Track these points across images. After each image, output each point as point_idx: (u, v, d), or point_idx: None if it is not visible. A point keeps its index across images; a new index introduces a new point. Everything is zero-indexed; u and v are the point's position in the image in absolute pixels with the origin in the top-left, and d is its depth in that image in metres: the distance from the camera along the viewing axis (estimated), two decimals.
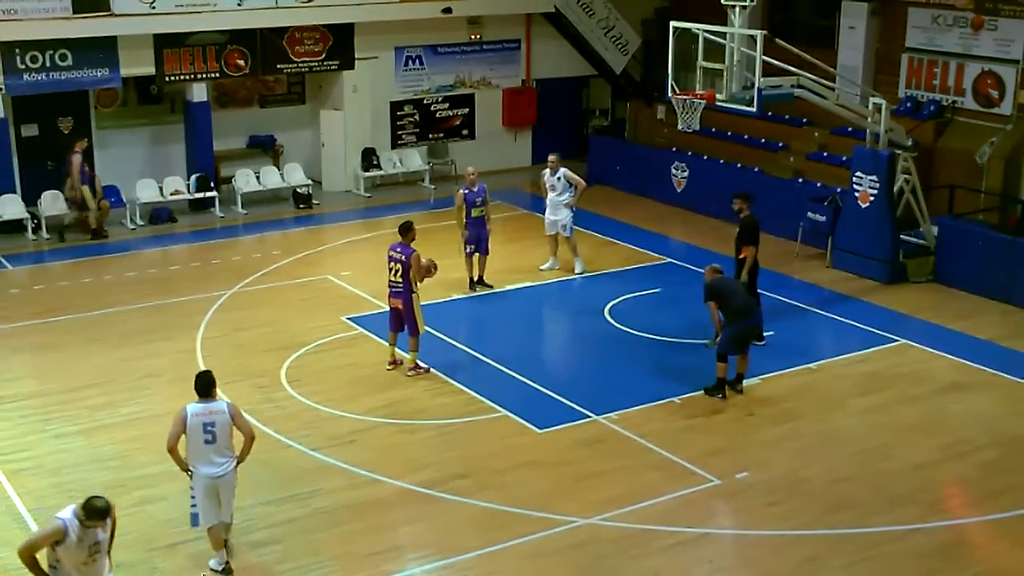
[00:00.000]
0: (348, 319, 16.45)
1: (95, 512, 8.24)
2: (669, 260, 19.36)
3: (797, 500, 11.59)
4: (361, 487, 11.82)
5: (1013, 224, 18.23)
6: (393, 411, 13.55)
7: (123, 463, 12.29)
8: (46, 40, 20.07)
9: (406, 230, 14.42)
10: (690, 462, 12.31)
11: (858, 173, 18.34)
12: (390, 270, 14.40)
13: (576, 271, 18.42)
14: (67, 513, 8.29)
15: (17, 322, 16.50)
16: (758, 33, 16.56)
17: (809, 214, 19.57)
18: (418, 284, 14.32)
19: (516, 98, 25.60)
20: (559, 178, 18.15)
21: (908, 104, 20.63)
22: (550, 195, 18.25)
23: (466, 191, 17.37)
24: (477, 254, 17.63)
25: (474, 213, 17.41)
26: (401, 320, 14.45)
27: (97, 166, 21.74)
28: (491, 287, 17.76)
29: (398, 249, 14.37)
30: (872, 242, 18.16)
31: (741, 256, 15.06)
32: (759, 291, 15.41)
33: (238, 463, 10.23)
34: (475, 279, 17.72)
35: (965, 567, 10.51)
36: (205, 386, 10.26)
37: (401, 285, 14.23)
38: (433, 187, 24.13)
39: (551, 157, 18.40)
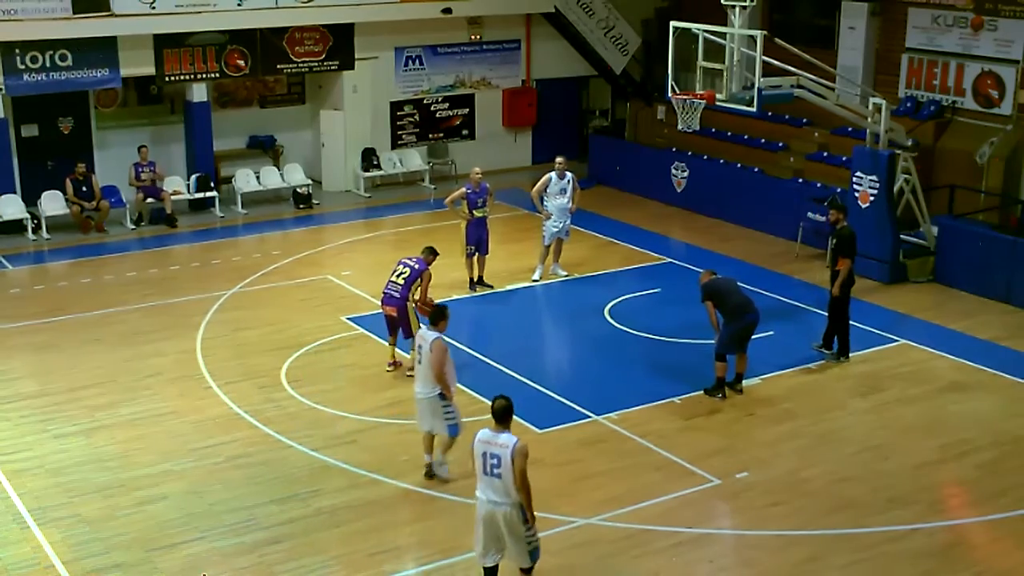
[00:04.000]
0: (348, 319, 16.46)
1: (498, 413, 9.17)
2: (669, 260, 19.37)
3: (797, 500, 11.60)
4: (362, 487, 11.83)
5: (1013, 224, 18.24)
6: (393, 411, 13.56)
7: (123, 463, 12.30)
8: (46, 40, 20.08)
9: (431, 251, 14.65)
10: (690, 462, 12.32)
11: (858, 173, 18.35)
12: (394, 272, 14.40)
13: (562, 274, 18.39)
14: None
15: (17, 322, 16.51)
16: (758, 33, 16.58)
17: (809, 214, 19.60)
18: (414, 296, 14.36)
19: (516, 98, 25.60)
20: (568, 181, 17.90)
21: (908, 104, 20.63)
22: (558, 200, 17.81)
23: (469, 190, 17.36)
24: (477, 254, 17.63)
25: (476, 213, 17.40)
26: (395, 326, 14.47)
27: (97, 166, 21.78)
28: (491, 287, 17.75)
29: (413, 259, 14.48)
30: (872, 242, 18.14)
31: (837, 268, 14.86)
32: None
33: (443, 396, 11.48)
34: (475, 279, 17.72)
35: (964, 567, 10.51)
36: (431, 315, 11.69)
37: (399, 291, 14.23)
38: (433, 187, 24.12)
39: (559, 159, 18.06)
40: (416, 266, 14.35)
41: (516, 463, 8.96)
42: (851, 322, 15.17)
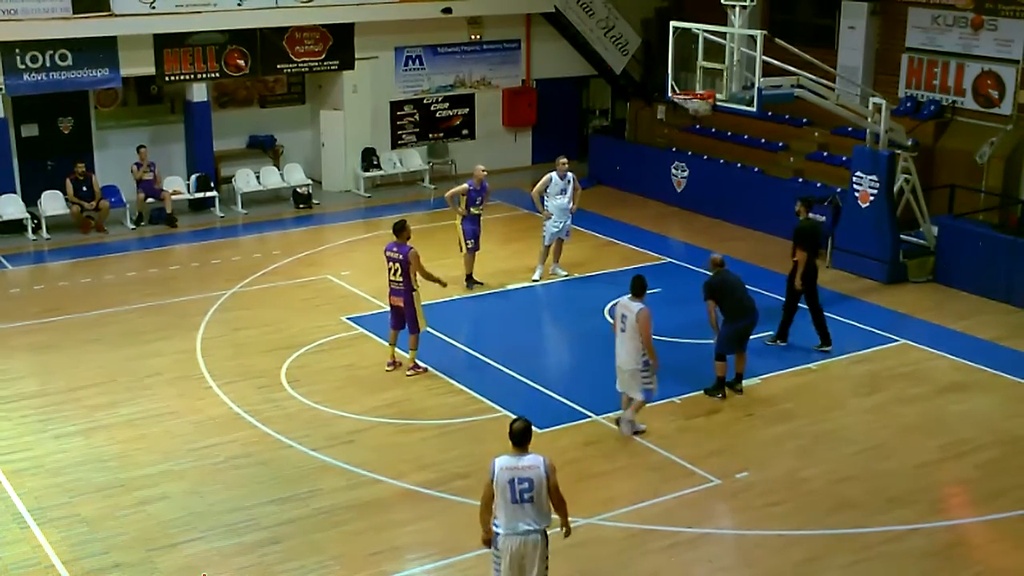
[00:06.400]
0: (348, 319, 16.46)
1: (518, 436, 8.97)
2: (669, 260, 19.36)
3: (797, 500, 11.60)
4: (361, 487, 11.82)
5: (1013, 224, 18.23)
6: (393, 411, 13.56)
7: (123, 463, 12.29)
8: (46, 40, 20.07)
9: (400, 229, 14.35)
10: (690, 462, 12.32)
11: (858, 173, 18.35)
12: (389, 270, 14.39)
13: (561, 274, 18.38)
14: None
15: (17, 322, 16.51)
16: (758, 33, 16.59)
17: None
18: (418, 282, 14.31)
19: (516, 98, 25.60)
20: (568, 181, 17.86)
21: (908, 104, 20.63)
22: (558, 200, 17.78)
23: (471, 187, 17.37)
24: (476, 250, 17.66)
25: (473, 211, 17.42)
26: (402, 317, 14.45)
27: (97, 166, 21.78)
28: (481, 284, 17.78)
29: (394, 249, 14.31)
30: (872, 242, 18.16)
31: (795, 259, 14.99)
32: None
33: (646, 364, 12.55)
34: (472, 276, 17.71)
35: (965, 567, 10.51)
36: (633, 286, 12.72)
37: (401, 284, 14.23)
38: (433, 187, 24.12)
39: (561, 160, 18.05)
40: (400, 256, 14.20)
41: (551, 479, 8.89)
42: (851, 321, 15.20)
